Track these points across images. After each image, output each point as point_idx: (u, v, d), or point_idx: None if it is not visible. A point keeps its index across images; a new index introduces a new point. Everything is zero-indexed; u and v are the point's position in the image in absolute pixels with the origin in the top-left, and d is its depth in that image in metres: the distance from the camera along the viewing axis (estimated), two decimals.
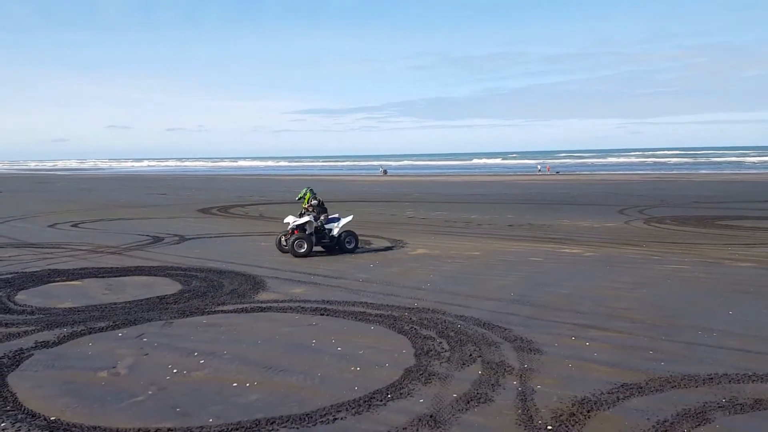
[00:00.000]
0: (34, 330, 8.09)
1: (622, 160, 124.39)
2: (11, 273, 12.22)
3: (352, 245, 15.31)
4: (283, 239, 15.07)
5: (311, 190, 15.59)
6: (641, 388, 6.02)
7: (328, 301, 9.78)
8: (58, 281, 11.64)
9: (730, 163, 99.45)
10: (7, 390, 5.95)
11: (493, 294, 10.26)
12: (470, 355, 6.91)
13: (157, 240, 17.47)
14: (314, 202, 15.35)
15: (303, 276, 12.06)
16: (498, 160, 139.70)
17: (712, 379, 6.26)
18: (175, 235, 18.47)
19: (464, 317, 8.62)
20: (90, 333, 8.01)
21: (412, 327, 8.12)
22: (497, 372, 6.38)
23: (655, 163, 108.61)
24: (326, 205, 15.92)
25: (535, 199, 33.96)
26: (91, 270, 12.73)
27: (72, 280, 11.77)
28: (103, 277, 12.10)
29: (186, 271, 12.65)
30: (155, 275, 12.24)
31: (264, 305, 9.57)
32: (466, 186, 50.19)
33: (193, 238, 17.73)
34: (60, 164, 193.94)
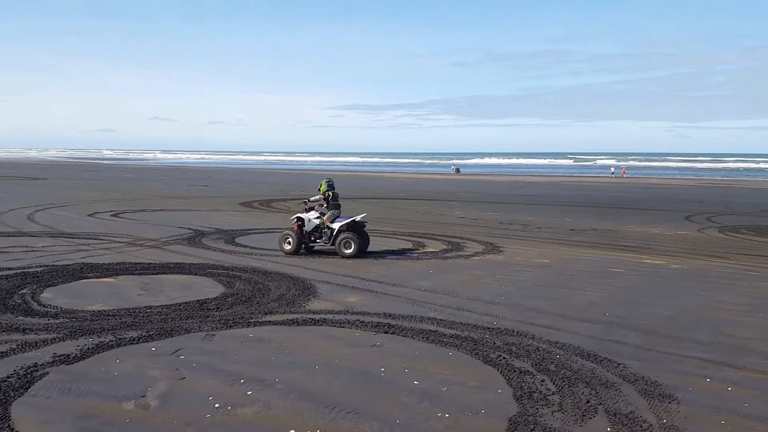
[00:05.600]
0: (54, 339, 6.94)
1: (669, 164, 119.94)
2: (41, 266, 11.23)
3: (351, 250, 13.20)
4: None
5: (328, 181, 14.20)
6: None
7: (390, 315, 8.43)
8: (90, 277, 10.60)
9: None
10: (8, 425, 4.75)
11: (583, 313, 8.75)
12: (587, 401, 5.44)
13: (198, 234, 16.42)
14: (317, 197, 14.15)
15: (356, 281, 10.76)
16: (545, 161, 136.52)
17: None
18: (218, 229, 17.41)
19: (560, 344, 7.15)
20: (119, 345, 6.81)
21: (499, 355, 6.69)
22: (632, 429, 4.91)
23: (706, 168, 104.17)
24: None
25: (590, 202, 32.06)
26: (128, 265, 11.66)
27: (106, 276, 10.71)
28: (139, 274, 11.01)
29: (228, 270, 11.48)
30: (195, 274, 11.11)
31: (317, 317, 8.27)
32: (512, 186, 48.36)
33: (235, 233, 16.61)
34: (105, 153, 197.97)
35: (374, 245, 15.09)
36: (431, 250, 14.70)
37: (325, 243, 13.72)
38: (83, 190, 33.78)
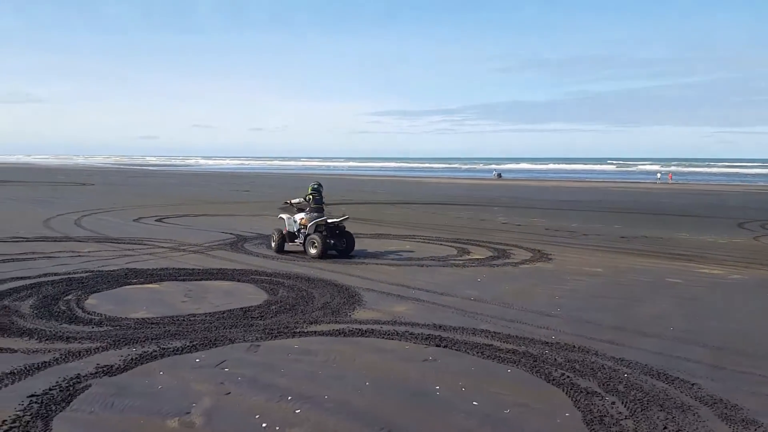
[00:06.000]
0: (98, 348, 6.78)
1: (715, 169, 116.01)
2: (87, 272, 11.21)
3: (314, 251, 13.45)
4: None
5: (314, 185, 14.65)
6: None
7: (440, 326, 8.06)
8: (135, 283, 10.52)
9: None
10: None
11: (647, 327, 8.22)
12: (664, 426, 4.97)
13: (240, 239, 16.33)
14: (299, 200, 14.66)
15: (402, 289, 10.42)
16: (587, 166, 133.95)
17: None
18: (259, 234, 17.30)
19: (626, 361, 6.67)
20: (162, 356, 6.62)
21: (562, 373, 6.25)
22: None
23: (754, 174, 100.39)
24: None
25: (637, 208, 31.04)
26: (171, 271, 11.58)
27: (150, 282, 10.61)
28: (183, 279, 10.90)
29: (271, 276, 11.28)
30: (238, 280, 10.94)
31: (364, 327, 7.95)
32: (556, 191, 47.34)
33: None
34: (149, 160, 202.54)
35: (417, 251, 14.74)
36: (477, 257, 14.26)
37: (300, 243, 14.05)
38: (128, 195, 34.33)
